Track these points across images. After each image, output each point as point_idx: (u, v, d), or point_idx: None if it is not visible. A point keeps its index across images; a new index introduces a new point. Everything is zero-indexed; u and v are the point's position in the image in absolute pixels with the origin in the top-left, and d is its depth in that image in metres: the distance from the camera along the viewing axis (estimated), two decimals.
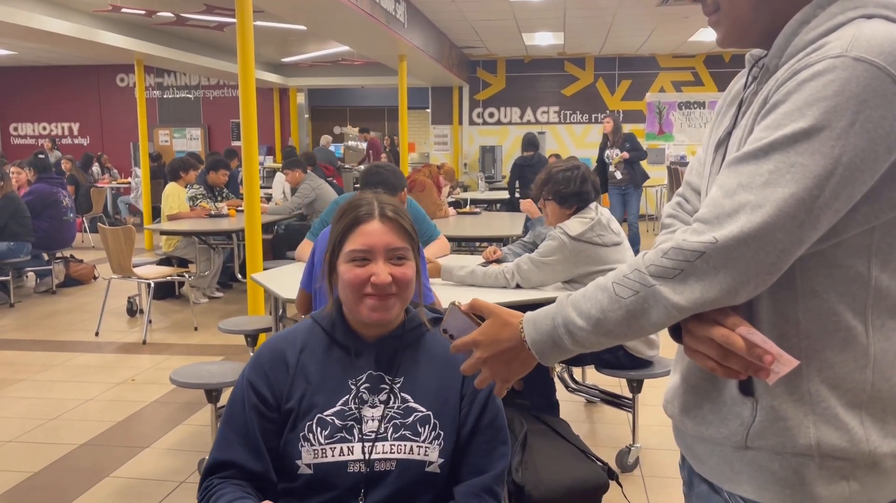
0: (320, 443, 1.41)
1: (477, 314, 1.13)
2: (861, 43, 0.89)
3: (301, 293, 2.91)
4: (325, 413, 1.43)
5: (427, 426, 1.45)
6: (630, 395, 3.29)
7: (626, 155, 8.35)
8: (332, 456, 1.41)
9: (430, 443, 1.44)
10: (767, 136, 0.91)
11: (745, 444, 0.99)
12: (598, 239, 3.15)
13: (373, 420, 1.44)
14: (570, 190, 3.24)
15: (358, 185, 8.92)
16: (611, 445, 3.41)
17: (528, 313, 1.07)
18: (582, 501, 2.57)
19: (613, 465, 3.09)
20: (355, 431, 1.42)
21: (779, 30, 1.00)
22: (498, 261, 3.73)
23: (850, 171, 0.88)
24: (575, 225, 3.17)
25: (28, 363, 4.93)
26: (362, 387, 1.46)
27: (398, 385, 1.47)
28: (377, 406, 1.45)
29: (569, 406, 3.88)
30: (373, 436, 1.42)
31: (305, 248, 3.86)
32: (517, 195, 8.47)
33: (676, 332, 1.01)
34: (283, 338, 1.53)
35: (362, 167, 10.57)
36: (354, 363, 1.48)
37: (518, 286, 3.21)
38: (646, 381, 3.25)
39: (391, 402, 1.46)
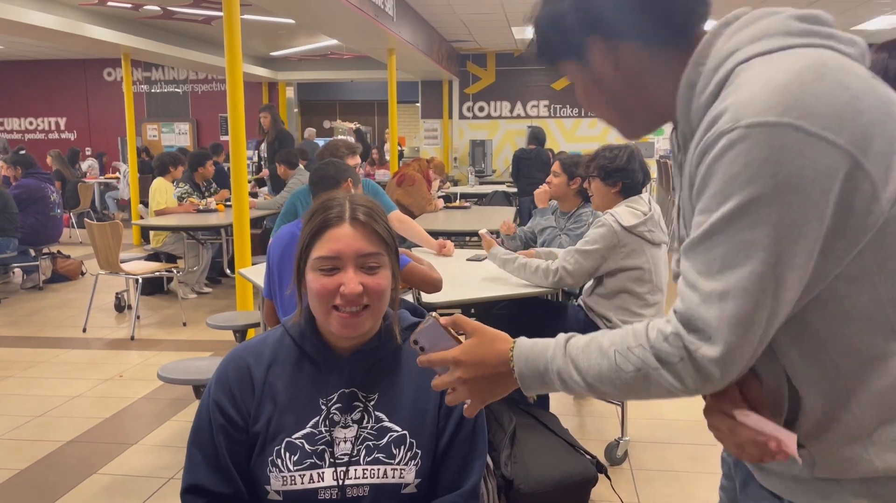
0: (289, 470, 1.33)
1: (458, 331, 1.10)
2: (744, 107, 0.88)
3: (265, 303, 2.76)
4: (293, 436, 1.35)
5: (402, 447, 1.36)
6: None
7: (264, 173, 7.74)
8: (302, 483, 1.33)
9: (406, 464, 1.36)
10: (705, 220, 0.91)
11: (811, 478, 1.00)
12: (649, 235, 2.97)
13: (345, 442, 1.35)
14: (615, 165, 3.08)
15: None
16: (599, 439, 3.42)
17: (521, 342, 1.06)
18: (571, 494, 2.58)
19: (602, 459, 3.11)
20: (326, 455, 1.34)
21: (671, 95, 1.02)
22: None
23: (797, 227, 0.87)
24: (627, 215, 2.98)
25: (15, 360, 4.90)
26: (333, 407, 1.37)
27: (372, 403, 1.38)
28: (350, 426, 1.36)
29: (557, 399, 3.89)
30: (345, 458, 1.35)
31: None
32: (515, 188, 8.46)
33: None
34: (251, 351, 1.42)
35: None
36: (326, 380, 1.38)
37: (555, 284, 3.02)
38: None
39: (364, 422, 1.36)
